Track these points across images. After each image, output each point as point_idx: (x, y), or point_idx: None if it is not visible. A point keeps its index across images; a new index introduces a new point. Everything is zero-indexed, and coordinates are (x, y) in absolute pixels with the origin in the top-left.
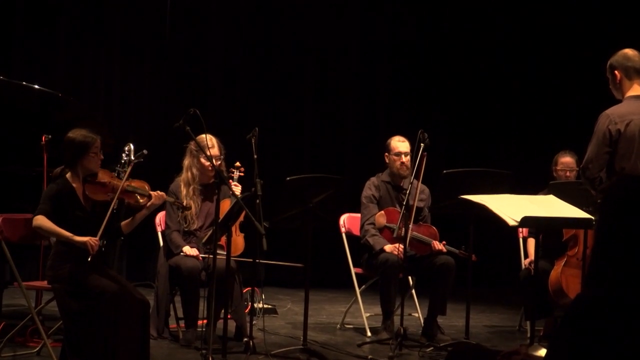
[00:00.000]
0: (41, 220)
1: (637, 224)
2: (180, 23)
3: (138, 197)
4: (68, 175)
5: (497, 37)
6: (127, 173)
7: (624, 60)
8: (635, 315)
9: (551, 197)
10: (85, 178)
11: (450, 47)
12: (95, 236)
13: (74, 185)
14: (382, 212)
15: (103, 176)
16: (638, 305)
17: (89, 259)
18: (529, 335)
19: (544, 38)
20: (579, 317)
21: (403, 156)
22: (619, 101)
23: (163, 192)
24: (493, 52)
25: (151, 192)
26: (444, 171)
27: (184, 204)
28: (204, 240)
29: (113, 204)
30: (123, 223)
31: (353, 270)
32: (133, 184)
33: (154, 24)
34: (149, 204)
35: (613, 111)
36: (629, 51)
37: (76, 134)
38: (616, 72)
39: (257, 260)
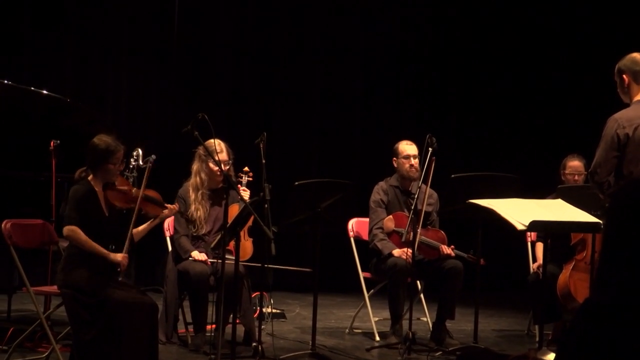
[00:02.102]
0: (75, 233)
1: None
2: (188, 27)
3: (155, 206)
4: (90, 178)
5: (506, 42)
6: (145, 182)
7: (632, 65)
8: None
9: (559, 201)
10: (105, 184)
11: (458, 52)
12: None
13: (96, 189)
14: (391, 216)
15: (122, 183)
16: None
17: (120, 278)
18: (537, 339)
19: (552, 42)
20: (587, 322)
21: (412, 159)
22: (627, 105)
23: (171, 200)
24: (501, 56)
25: (166, 205)
26: (452, 175)
27: (189, 214)
28: (212, 245)
29: (135, 212)
30: (135, 231)
31: (361, 275)
32: (149, 194)
33: (162, 29)
34: (162, 214)
35: (621, 115)
36: (637, 55)
37: (101, 140)
38: (624, 76)
39: (266, 265)
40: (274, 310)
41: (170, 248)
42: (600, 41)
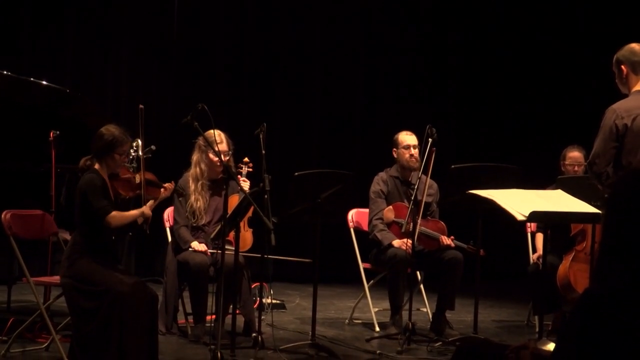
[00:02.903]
0: (118, 217)
1: None
2: (188, 18)
3: (156, 189)
4: (97, 167)
5: (505, 32)
6: (143, 167)
7: (630, 55)
8: None
9: (559, 192)
10: (111, 174)
11: (458, 42)
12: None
13: (104, 177)
14: (391, 207)
15: (124, 172)
16: None
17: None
18: (537, 329)
19: (552, 33)
20: (586, 312)
21: (412, 148)
22: (626, 96)
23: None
24: (500, 46)
25: (163, 185)
26: (452, 166)
27: (186, 197)
28: (212, 236)
29: (143, 198)
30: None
31: (361, 266)
32: (149, 177)
33: (162, 20)
34: (161, 195)
35: (619, 106)
36: (635, 46)
37: (109, 130)
38: (622, 66)
39: (266, 256)
40: (273, 301)
41: (170, 239)
42: (600, 31)
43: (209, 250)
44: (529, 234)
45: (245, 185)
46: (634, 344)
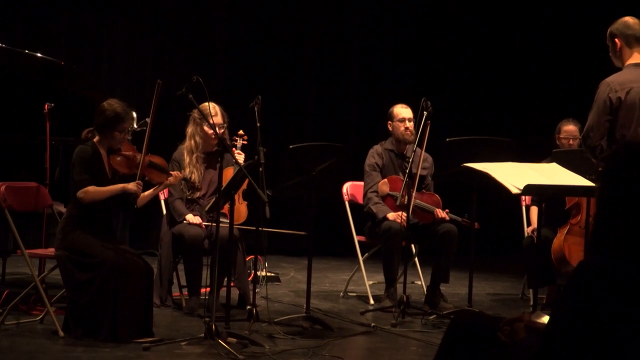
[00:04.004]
0: (89, 193)
1: (638, 191)
2: None
3: (158, 173)
4: (96, 139)
5: (500, 5)
6: (145, 147)
7: (624, 29)
8: (637, 282)
9: (554, 165)
10: (110, 149)
11: (453, 15)
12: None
13: (101, 151)
14: (386, 180)
15: (127, 149)
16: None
17: (136, 205)
18: (531, 303)
19: (546, 6)
20: (581, 285)
21: (407, 121)
22: (620, 69)
23: (167, 160)
24: (495, 20)
25: (171, 172)
26: (447, 139)
27: (192, 179)
28: (206, 209)
29: (137, 177)
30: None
31: (356, 239)
32: (154, 160)
33: None
34: (167, 182)
35: (613, 79)
36: (629, 19)
37: (111, 105)
38: (616, 40)
39: (260, 228)
40: (268, 274)
41: (164, 211)
42: (594, 5)
43: (204, 223)
44: (523, 207)
45: (240, 158)
46: (627, 316)
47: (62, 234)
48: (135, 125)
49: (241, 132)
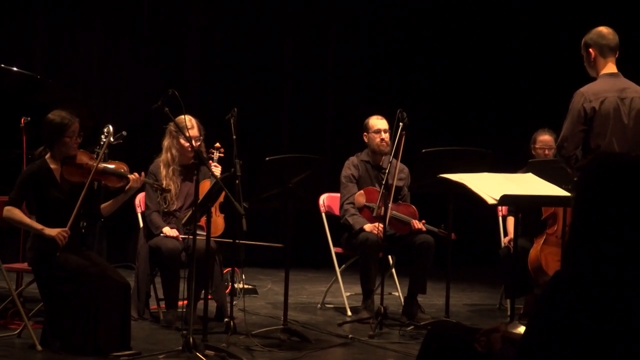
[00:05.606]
0: (11, 212)
1: (614, 201)
2: (159, 3)
3: (115, 179)
4: (48, 156)
5: (477, 16)
6: (101, 154)
7: (598, 39)
8: (612, 292)
9: (530, 176)
10: (64, 160)
11: (428, 27)
12: (69, 219)
13: (52, 166)
14: (362, 191)
15: (81, 157)
16: (615, 282)
17: (58, 253)
18: (509, 313)
19: (523, 17)
20: (556, 295)
21: (382, 132)
22: (594, 79)
23: (143, 172)
24: (472, 30)
25: (129, 175)
26: (423, 150)
27: (164, 185)
28: (183, 221)
29: (86, 186)
30: (103, 205)
31: (333, 250)
32: (110, 165)
33: (133, 5)
34: (127, 187)
35: (588, 89)
36: (603, 29)
37: (55, 115)
38: (591, 50)
39: (237, 241)
40: (245, 286)
41: (141, 224)
42: (567, 15)
43: (181, 236)
44: (500, 218)
45: (217, 170)
46: (602, 326)
47: (32, 251)
48: (112, 139)
49: (217, 144)
